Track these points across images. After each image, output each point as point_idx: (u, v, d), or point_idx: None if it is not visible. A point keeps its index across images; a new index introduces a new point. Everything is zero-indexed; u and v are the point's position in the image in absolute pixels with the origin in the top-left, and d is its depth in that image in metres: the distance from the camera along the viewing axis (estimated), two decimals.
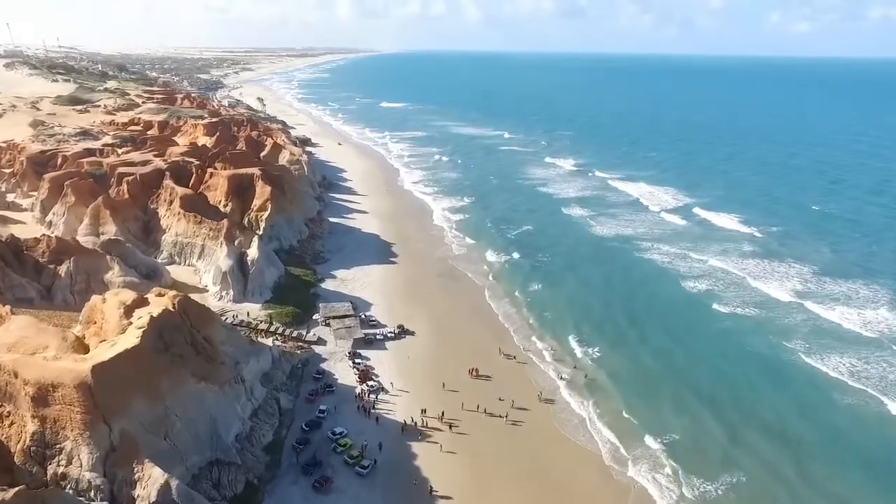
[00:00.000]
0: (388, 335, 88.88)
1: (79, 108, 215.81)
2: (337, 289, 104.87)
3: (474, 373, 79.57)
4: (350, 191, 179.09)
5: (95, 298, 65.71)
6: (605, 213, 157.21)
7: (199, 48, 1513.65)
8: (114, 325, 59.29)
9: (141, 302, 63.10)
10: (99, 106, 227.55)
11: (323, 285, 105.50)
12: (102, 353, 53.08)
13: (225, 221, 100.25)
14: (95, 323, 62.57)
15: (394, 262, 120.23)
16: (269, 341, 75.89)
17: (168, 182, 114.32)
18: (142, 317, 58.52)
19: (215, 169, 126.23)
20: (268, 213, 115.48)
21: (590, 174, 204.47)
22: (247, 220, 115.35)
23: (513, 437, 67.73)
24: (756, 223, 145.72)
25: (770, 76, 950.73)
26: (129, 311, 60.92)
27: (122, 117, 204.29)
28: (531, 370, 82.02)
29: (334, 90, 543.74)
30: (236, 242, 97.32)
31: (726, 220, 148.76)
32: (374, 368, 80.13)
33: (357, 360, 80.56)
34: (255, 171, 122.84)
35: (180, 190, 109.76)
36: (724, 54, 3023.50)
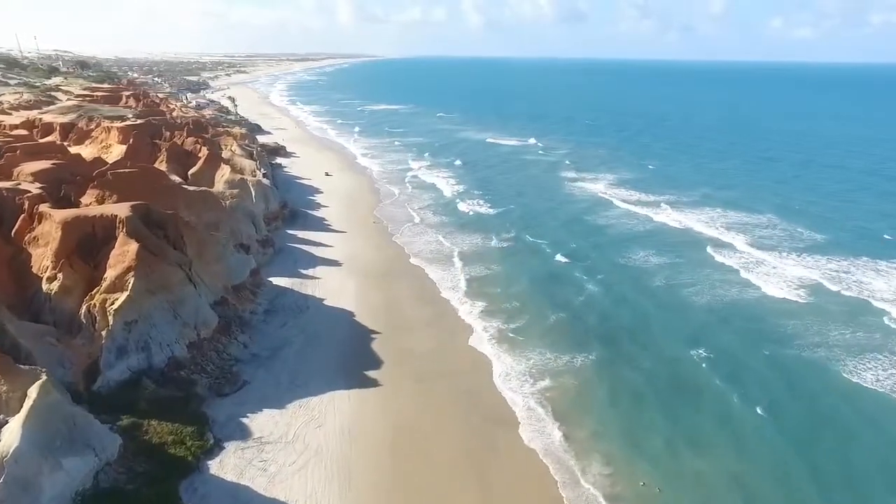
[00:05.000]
0: None
1: None
2: (240, 478, 48.46)
3: None
4: (321, 224, 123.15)
5: None
6: (688, 264, 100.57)
7: (199, 53, 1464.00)
8: None
9: None
10: None
11: (213, 468, 49.06)
12: None
13: None
14: None
15: (375, 384, 63.99)
16: None
17: None
18: None
19: (55, 207, 70.58)
20: (126, 294, 59.28)
21: (636, 195, 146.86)
22: (85, 309, 59.28)
23: None
24: None
25: (781, 80, 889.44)
26: None
27: (18, 118, 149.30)
28: None
29: (328, 92, 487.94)
30: None
31: (846, 289, 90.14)
32: None
33: None
34: (121, 210, 66.61)
35: None
36: (726, 59, 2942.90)
